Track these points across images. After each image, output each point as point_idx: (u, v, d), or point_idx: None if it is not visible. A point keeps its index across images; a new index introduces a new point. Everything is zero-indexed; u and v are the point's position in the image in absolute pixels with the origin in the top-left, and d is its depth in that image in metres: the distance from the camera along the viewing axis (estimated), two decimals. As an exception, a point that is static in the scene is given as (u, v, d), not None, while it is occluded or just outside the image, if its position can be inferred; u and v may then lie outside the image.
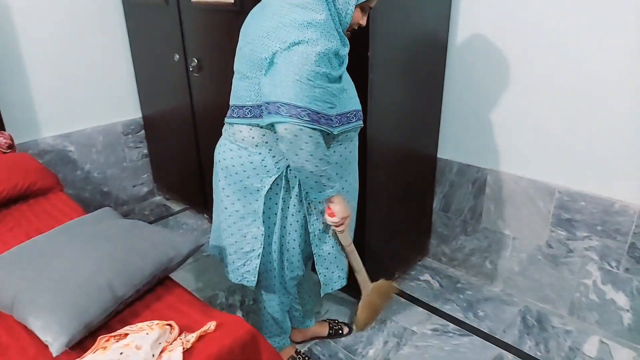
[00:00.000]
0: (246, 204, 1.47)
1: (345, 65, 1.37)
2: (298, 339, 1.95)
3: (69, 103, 2.71)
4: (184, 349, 1.10)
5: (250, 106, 1.36)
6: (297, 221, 1.50)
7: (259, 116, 1.33)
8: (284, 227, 1.52)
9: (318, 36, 1.23)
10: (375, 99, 1.81)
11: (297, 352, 1.87)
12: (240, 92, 1.39)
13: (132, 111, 3.02)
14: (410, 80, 1.99)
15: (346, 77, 1.41)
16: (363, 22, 1.40)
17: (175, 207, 3.15)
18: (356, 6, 1.32)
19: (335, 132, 1.35)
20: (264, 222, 1.47)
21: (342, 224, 1.47)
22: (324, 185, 1.36)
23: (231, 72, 1.46)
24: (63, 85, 2.67)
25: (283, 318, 1.76)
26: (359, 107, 1.46)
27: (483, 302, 2.19)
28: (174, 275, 1.49)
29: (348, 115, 1.40)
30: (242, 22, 1.46)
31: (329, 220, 1.46)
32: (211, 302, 2.20)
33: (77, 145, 2.79)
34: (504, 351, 1.90)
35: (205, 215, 2.95)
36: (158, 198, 3.29)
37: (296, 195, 1.46)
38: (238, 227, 1.51)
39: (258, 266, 1.53)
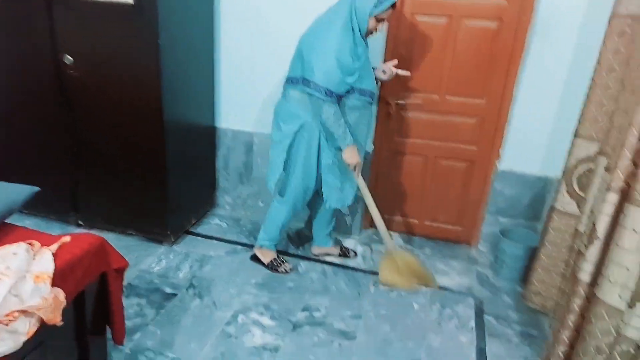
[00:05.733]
0: (282, 140, 2.25)
1: (362, 60, 2.08)
2: (317, 252, 2.72)
3: None
4: (51, 252, 1.47)
5: (292, 77, 2.17)
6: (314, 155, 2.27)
7: (297, 83, 2.15)
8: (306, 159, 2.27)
9: (341, 43, 2.00)
10: (167, 82, 2.34)
11: (278, 255, 2.59)
12: (291, 69, 2.19)
13: None
14: (192, 67, 2.58)
15: (365, 66, 2.13)
16: (379, 28, 2.11)
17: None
18: (370, 17, 2.00)
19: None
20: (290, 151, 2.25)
21: (351, 167, 2.24)
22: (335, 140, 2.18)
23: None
24: None
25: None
26: (370, 88, 2.19)
27: (259, 229, 2.95)
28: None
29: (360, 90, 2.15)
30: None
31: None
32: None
33: None
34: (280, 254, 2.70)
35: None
36: None
37: (317, 138, 2.22)
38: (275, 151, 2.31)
39: (276, 178, 2.32)
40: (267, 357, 1.97)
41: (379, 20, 2.07)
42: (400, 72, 2.32)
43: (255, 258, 2.60)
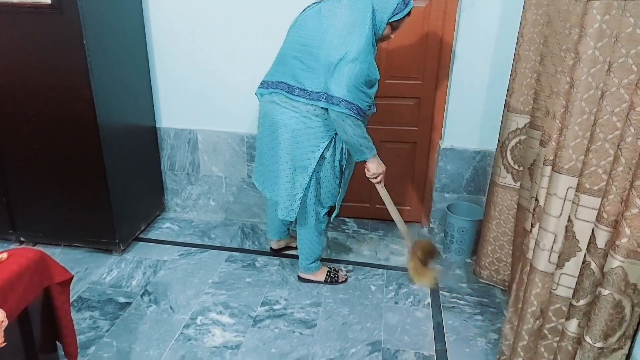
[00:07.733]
0: (299, 160, 2.02)
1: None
2: (275, 247, 2.66)
3: None
4: (-13, 272, 1.40)
5: (312, 91, 1.90)
6: (334, 171, 2.11)
7: (318, 99, 1.89)
8: (322, 174, 2.09)
9: (368, 53, 1.82)
10: (98, 85, 2.25)
11: (329, 267, 2.49)
12: (304, 79, 1.91)
13: None
14: (124, 66, 2.49)
15: None
16: (392, 36, 1.96)
17: None
18: (387, 23, 1.87)
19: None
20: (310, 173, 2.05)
21: (376, 178, 2.12)
22: (363, 153, 1.99)
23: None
24: None
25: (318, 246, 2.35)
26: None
27: (213, 228, 2.92)
28: None
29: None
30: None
31: (367, 174, 2.11)
32: None
33: None
34: (233, 252, 2.68)
35: None
36: None
37: (339, 152, 2.06)
38: (291, 177, 2.05)
39: (298, 206, 2.10)
40: (229, 356, 1.96)
41: (394, 27, 1.93)
42: None
43: (306, 279, 2.46)
